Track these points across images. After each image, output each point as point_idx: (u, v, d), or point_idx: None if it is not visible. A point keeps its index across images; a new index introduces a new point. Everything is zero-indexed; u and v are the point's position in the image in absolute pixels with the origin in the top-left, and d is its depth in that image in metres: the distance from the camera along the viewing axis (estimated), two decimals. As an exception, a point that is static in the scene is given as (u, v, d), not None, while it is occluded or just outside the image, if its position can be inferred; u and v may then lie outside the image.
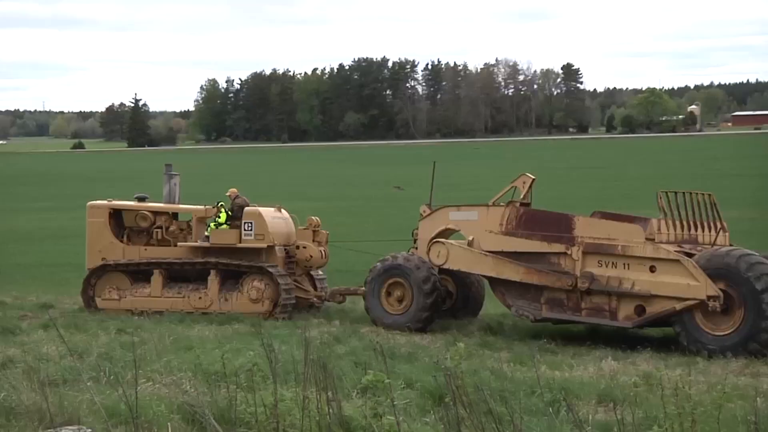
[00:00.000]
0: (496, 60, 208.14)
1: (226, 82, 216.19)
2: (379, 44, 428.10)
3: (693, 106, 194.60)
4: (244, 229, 20.64)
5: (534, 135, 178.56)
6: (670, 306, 16.23)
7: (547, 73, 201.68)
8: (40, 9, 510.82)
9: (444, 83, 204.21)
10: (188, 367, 11.27)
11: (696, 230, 17.38)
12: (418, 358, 14.26)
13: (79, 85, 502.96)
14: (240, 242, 20.68)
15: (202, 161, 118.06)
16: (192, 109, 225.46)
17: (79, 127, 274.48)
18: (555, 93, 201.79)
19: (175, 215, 22.16)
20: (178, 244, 21.39)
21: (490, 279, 18.65)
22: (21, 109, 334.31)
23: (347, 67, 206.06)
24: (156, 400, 8.52)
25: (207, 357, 11.56)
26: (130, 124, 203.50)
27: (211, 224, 21.14)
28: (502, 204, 18.67)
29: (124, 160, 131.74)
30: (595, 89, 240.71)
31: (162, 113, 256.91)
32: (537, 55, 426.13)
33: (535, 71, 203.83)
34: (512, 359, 14.68)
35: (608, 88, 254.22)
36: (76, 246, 26.69)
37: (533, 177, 18.84)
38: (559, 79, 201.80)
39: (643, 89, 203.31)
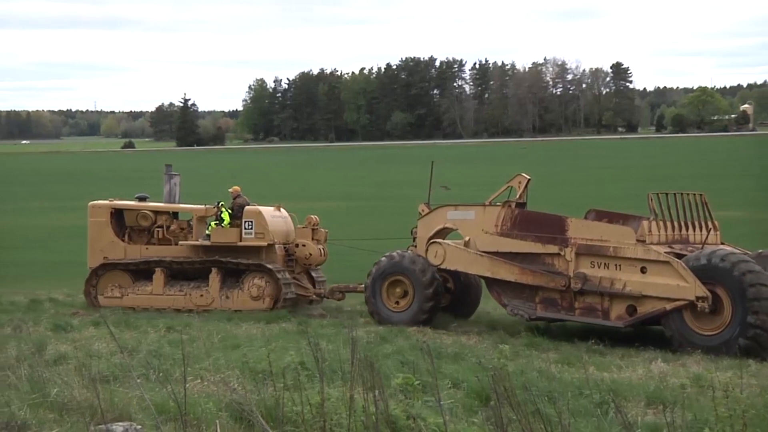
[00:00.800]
0: (545, 59, 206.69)
1: (274, 81, 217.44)
2: (427, 44, 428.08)
3: (746, 105, 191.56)
4: (245, 228, 21.04)
5: (582, 135, 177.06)
6: (660, 306, 16.56)
7: (596, 72, 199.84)
8: (90, 10, 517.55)
9: (491, 82, 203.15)
10: (235, 365, 11.34)
11: (687, 230, 17.66)
12: (464, 358, 14.21)
13: (130, 85, 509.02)
14: (240, 241, 21.08)
15: (250, 160, 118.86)
16: (240, 108, 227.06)
17: (129, 126, 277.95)
18: (604, 92, 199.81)
19: (175, 214, 22.53)
20: (179, 242, 21.75)
21: (486, 279, 19.01)
22: (73, 109, 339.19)
23: (394, 67, 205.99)
24: (204, 398, 8.58)
25: (254, 355, 11.64)
26: (179, 123, 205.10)
27: (212, 223, 21.47)
28: (498, 204, 18.96)
29: (172, 160, 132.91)
30: (644, 88, 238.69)
31: (210, 113, 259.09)
32: (586, 54, 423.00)
33: (583, 70, 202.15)
34: (560, 360, 14.59)
35: (658, 87, 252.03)
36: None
37: (528, 177, 19.12)
38: (608, 78, 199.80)
39: (694, 88, 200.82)
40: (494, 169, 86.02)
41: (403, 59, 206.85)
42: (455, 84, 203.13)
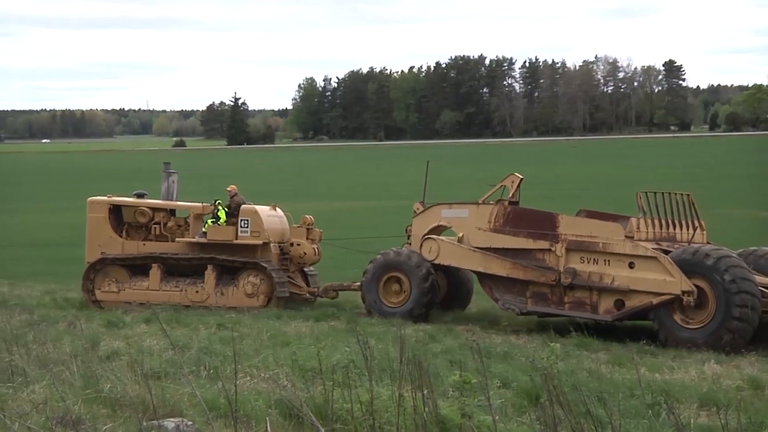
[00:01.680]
0: (596, 57, 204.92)
1: (324, 80, 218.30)
2: (477, 42, 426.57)
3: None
4: (241, 226, 21.26)
5: (634, 133, 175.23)
6: (647, 300, 17.03)
7: (648, 70, 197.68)
8: (143, 10, 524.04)
9: (542, 81, 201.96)
10: (285, 363, 11.38)
11: (674, 228, 18.18)
12: (513, 358, 14.14)
13: (181, 84, 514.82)
14: (236, 239, 21.30)
15: (299, 159, 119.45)
16: (290, 107, 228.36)
17: (181, 125, 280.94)
18: (656, 90, 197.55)
19: (173, 212, 22.71)
20: (176, 239, 21.97)
21: (479, 274, 19.54)
22: (126, 108, 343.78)
23: (444, 65, 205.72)
24: (254, 395, 8.62)
25: (303, 353, 11.67)
26: (229, 122, 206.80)
27: (209, 221, 21.66)
28: (491, 202, 19.52)
29: (222, 158, 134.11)
30: (698, 86, 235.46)
31: (260, 111, 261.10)
32: (638, 51, 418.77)
33: (635, 68, 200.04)
34: (610, 360, 14.46)
35: (712, 85, 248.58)
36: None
37: (521, 177, 19.64)
38: (660, 76, 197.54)
39: (749, 86, 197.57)
40: (544, 168, 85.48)
41: (453, 58, 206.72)
42: (505, 82, 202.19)
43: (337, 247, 24.74)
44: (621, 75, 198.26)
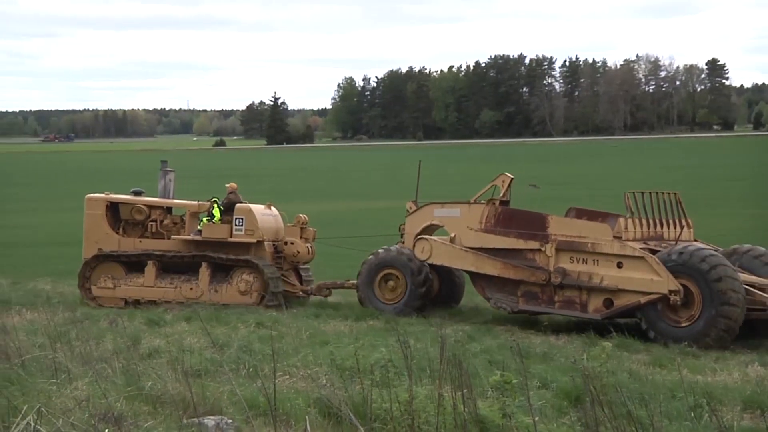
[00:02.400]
0: (637, 56, 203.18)
1: (363, 80, 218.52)
2: (516, 41, 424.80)
3: None
4: (235, 225, 21.51)
5: (675, 133, 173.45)
6: (635, 299, 17.34)
7: (690, 69, 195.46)
8: (184, 11, 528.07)
9: (582, 80, 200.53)
10: (324, 362, 11.40)
11: (661, 228, 18.54)
12: (553, 358, 14.06)
13: (221, 84, 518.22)
14: (231, 237, 21.52)
15: (338, 158, 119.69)
16: (329, 107, 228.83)
17: (221, 125, 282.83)
18: (698, 89, 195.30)
19: (169, 209, 22.94)
20: (172, 237, 22.18)
21: (471, 273, 19.88)
22: (167, 108, 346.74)
23: (483, 65, 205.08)
24: (293, 394, 8.64)
25: (342, 352, 11.67)
26: (269, 122, 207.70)
27: (204, 219, 21.91)
28: (482, 202, 19.86)
29: (261, 157, 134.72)
30: (741, 85, 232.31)
31: (300, 111, 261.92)
32: (680, 50, 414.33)
33: (677, 67, 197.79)
34: (652, 361, 14.32)
35: (756, 84, 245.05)
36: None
37: (512, 176, 19.97)
38: (703, 75, 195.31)
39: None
40: (584, 167, 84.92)
41: (493, 57, 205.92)
42: (545, 82, 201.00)
43: (332, 246, 25.30)
44: (663, 74, 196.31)
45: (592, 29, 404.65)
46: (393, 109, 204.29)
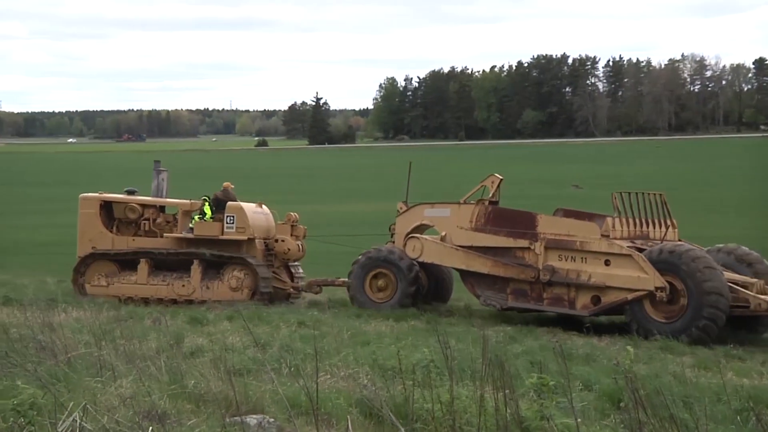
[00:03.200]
0: (682, 55, 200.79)
1: (405, 80, 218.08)
2: (559, 41, 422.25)
3: None
4: (227, 223, 21.82)
5: (721, 133, 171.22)
6: (622, 296, 17.87)
7: (737, 69, 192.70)
8: (227, 12, 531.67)
9: (626, 80, 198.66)
10: (365, 362, 11.41)
11: (647, 227, 19.04)
12: (596, 360, 13.96)
13: (264, 84, 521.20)
14: (222, 234, 21.82)
15: (379, 158, 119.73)
16: (370, 107, 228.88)
17: (263, 125, 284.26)
18: (745, 89, 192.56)
19: (162, 208, 23.23)
20: (164, 235, 22.48)
21: (461, 271, 20.34)
22: (210, 108, 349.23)
23: (526, 65, 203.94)
24: (335, 393, 8.66)
25: (383, 352, 11.68)
26: (311, 122, 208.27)
27: (195, 217, 22.20)
28: (472, 202, 20.34)
29: (303, 157, 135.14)
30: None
31: (341, 111, 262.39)
32: (726, 49, 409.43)
33: (723, 66, 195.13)
34: (696, 364, 14.18)
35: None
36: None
37: (501, 177, 20.51)
38: (750, 75, 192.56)
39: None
40: (628, 168, 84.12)
41: (535, 57, 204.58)
42: (588, 82, 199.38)
43: (326, 243, 25.92)
44: (708, 73, 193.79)
45: (636, 28, 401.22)
46: (435, 109, 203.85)
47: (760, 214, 44.74)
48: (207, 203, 22.35)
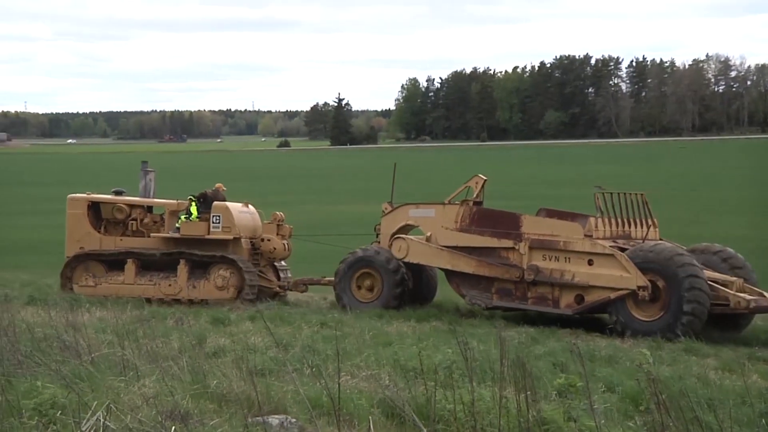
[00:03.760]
0: (707, 56, 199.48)
1: (427, 81, 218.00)
2: (582, 41, 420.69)
3: None
4: (213, 222, 21.98)
5: (746, 133, 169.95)
6: (605, 295, 18.17)
7: (762, 69, 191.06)
8: (249, 13, 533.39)
9: (649, 80, 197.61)
10: (387, 363, 11.41)
11: (629, 227, 19.29)
12: (618, 361, 13.90)
13: (286, 85, 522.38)
14: (208, 234, 21.97)
15: (401, 159, 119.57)
16: (392, 107, 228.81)
17: (286, 125, 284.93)
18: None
19: (149, 208, 23.36)
20: (151, 235, 22.61)
21: (446, 271, 20.55)
22: (232, 109, 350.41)
23: (548, 65, 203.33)
24: (356, 394, 8.66)
25: (405, 353, 11.68)
26: (333, 122, 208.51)
27: (182, 217, 22.35)
28: (456, 203, 20.55)
29: (325, 158, 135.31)
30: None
31: (363, 112, 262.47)
32: (751, 49, 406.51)
33: (749, 66, 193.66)
34: (720, 366, 14.07)
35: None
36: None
37: (485, 178, 20.75)
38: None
39: None
40: (651, 169, 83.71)
41: (558, 57, 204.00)
42: (611, 82, 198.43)
43: (316, 243, 26.33)
44: (733, 74, 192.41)
45: (659, 29, 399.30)
46: (457, 110, 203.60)
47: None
48: (193, 203, 22.51)
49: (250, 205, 23.11)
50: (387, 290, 20.74)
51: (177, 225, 22.50)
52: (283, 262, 23.33)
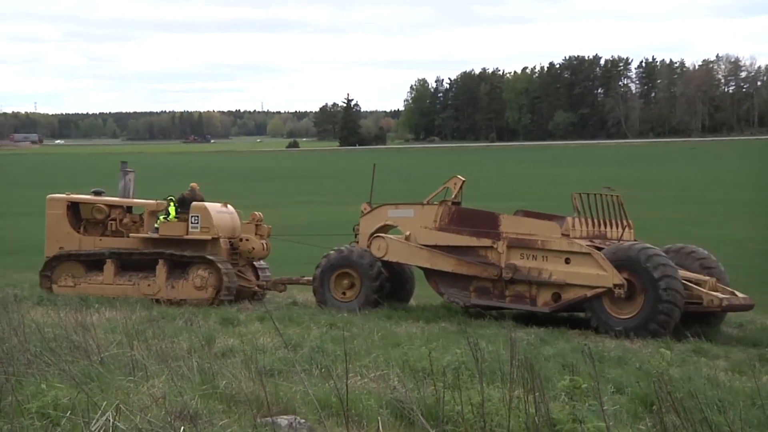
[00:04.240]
0: (717, 56, 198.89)
1: (436, 81, 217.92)
2: (591, 42, 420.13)
3: None
4: (191, 222, 22.07)
5: (756, 134, 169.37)
6: (582, 293, 18.47)
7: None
8: (258, 13, 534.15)
9: (659, 81, 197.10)
10: (396, 363, 11.40)
11: (605, 227, 19.59)
12: (627, 363, 13.86)
13: (295, 86, 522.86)
14: (187, 234, 22.05)
15: (411, 160, 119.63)
16: (401, 108, 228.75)
17: (294, 126, 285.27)
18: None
19: (129, 209, 23.44)
20: (131, 235, 22.70)
21: (425, 270, 20.78)
22: (241, 110, 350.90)
23: (557, 66, 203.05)
24: (365, 395, 8.66)
25: (414, 354, 11.67)
26: (342, 123, 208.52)
27: (161, 217, 22.48)
28: (435, 203, 20.77)
29: (334, 159, 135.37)
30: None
31: (372, 113, 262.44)
32: (761, 50, 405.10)
33: (759, 67, 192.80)
34: (730, 367, 14.02)
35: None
36: (286, 242, 27.63)
37: (464, 179, 20.95)
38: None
39: None
40: (661, 169, 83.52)
41: (567, 58, 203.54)
42: (621, 83, 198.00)
43: (296, 243, 26.71)
44: (743, 74, 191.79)
45: (669, 29, 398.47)
46: (466, 110, 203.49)
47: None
48: (172, 203, 22.61)
49: (228, 205, 23.25)
50: (365, 289, 20.84)
51: (156, 225, 22.59)
52: (262, 262, 23.47)
